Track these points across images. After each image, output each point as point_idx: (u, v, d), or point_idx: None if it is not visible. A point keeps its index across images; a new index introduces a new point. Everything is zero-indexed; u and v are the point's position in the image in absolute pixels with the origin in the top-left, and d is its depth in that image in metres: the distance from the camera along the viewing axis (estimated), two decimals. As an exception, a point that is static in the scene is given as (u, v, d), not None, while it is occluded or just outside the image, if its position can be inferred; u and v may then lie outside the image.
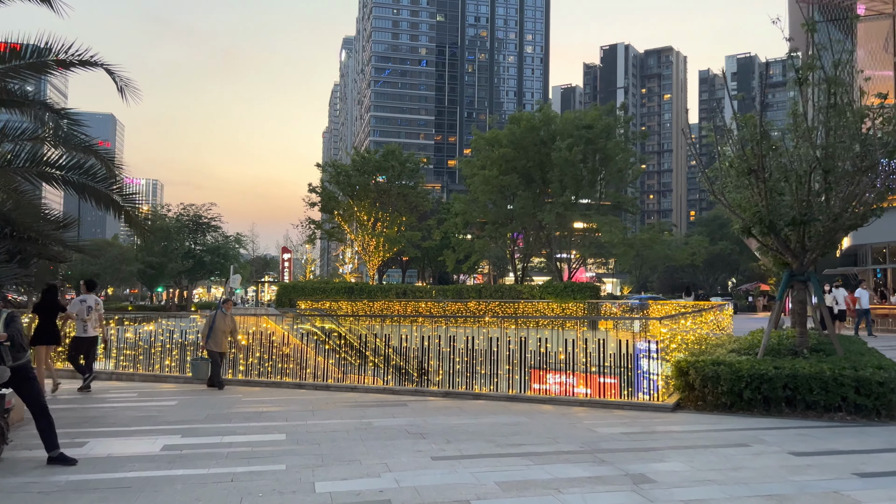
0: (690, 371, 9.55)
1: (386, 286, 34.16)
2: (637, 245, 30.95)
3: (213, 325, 11.79)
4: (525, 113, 34.82)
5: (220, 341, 11.86)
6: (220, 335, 11.86)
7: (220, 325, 11.87)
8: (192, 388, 12.15)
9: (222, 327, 11.91)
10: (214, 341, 11.82)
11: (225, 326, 11.96)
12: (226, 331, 11.98)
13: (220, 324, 11.88)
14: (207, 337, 11.80)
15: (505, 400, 10.35)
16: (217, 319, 11.92)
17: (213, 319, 11.92)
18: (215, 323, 11.85)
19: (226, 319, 12.04)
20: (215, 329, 11.81)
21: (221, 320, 11.95)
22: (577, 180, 32.09)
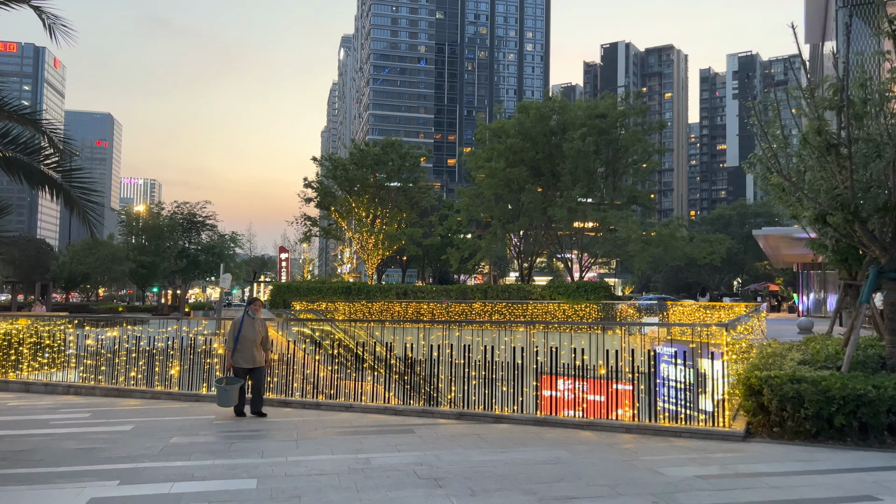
0: (764, 390, 7.71)
1: (385, 286, 32.33)
2: (655, 242, 29.04)
3: (239, 333, 9.23)
4: (534, 101, 32.90)
5: (250, 354, 9.25)
6: (249, 346, 9.25)
7: (247, 332, 9.29)
8: (158, 406, 10.30)
9: (250, 335, 9.29)
10: (243, 355, 9.23)
11: (254, 334, 9.31)
12: (255, 339, 9.30)
13: (247, 331, 9.29)
14: (233, 349, 9.24)
15: (533, 424, 8.51)
16: (244, 326, 9.32)
17: (239, 325, 9.30)
18: (242, 330, 9.26)
19: (254, 325, 9.38)
20: (242, 338, 9.23)
21: (249, 327, 9.34)
22: (590, 173, 30.18)
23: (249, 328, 9.33)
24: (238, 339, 9.21)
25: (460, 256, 36.21)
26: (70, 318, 13.23)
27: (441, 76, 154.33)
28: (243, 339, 9.24)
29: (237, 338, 9.21)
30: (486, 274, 75.90)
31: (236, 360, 9.23)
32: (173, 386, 11.21)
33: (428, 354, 9.56)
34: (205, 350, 10.96)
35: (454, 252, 36.28)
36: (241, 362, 9.22)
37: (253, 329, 9.35)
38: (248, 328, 9.32)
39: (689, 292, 78.59)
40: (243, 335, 9.25)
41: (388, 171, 40.00)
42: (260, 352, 9.35)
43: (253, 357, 9.27)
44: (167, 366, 11.30)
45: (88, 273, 56.11)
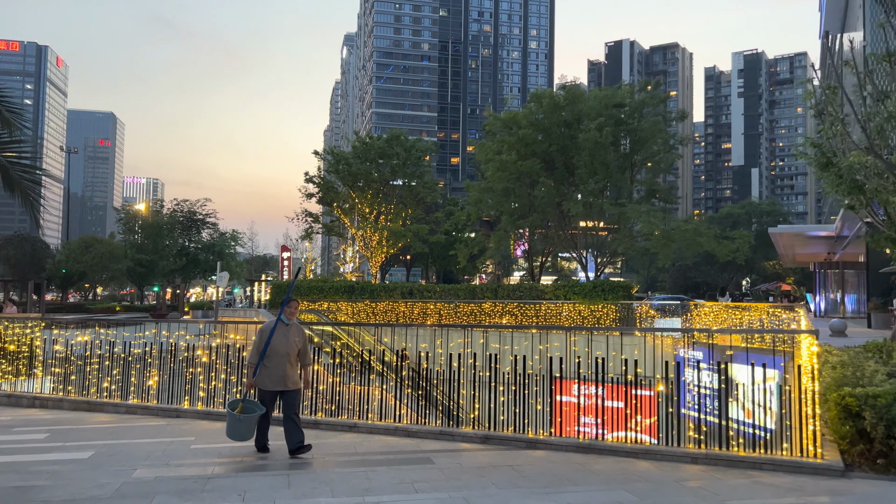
0: (865, 412, 6.23)
1: (390, 285, 30.85)
2: (677, 238, 27.46)
3: (267, 345, 6.81)
4: (547, 90, 31.31)
5: (281, 372, 6.81)
6: (280, 361, 6.82)
7: (279, 343, 6.83)
8: (130, 423, 8.86)
9: (282, 347, 6.84)
10: (271, 373, 6.80)
11: (287, 346, 6.88)
12: (289, 353, 6.88)
13: (279, 342, 6.84)
14: (258, 365, 6.82)
15: (576, 450, 7.04)
16: (275, 334, 6.85)
17: (270, 334, 6.85)
18: (272, 340, 6.82)
19: (289, 334, 6.94)
20: (272, 352, 6.80)
21: (281, 336, 6.88)
22: (607, 165, 28.63)
23: (282, 338, 6.84)
24: (265, 351, 6.77)
25: (468, 253, 34.65)
26: (41, 320, 11.81)
27: (444, 74, 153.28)
28: (273, 352, 6.77)
29: (264, 350, 6.78)
30: (489, 274, 74.45)
31: (261, 380, 6.80)
32: (151, 399, 9.77)
33: (446, 364, 8.09)
34: (187, 358, 9.51)
35: (462, 248, 34.66)
36: (269, 383, 6.76)
37: (286, 339, 6.86)
38: (279, 338, 6.83)
39: (697, 292, 77.17)
40: (273, 347, 6.77)
41: (392, 166, 38.45)
42: (294, 369, 6.94)
43: (284, 376, 6.81)
44: (144, 375, 9.85)
45: (84, 272, 54.74)
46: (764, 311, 19.72)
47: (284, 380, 6.84)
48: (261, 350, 6.80)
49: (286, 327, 6.98)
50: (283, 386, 6.85)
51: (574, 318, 24.68)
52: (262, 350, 6.80)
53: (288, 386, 6.87)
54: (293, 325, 7.08)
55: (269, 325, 6.95)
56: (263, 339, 6.82)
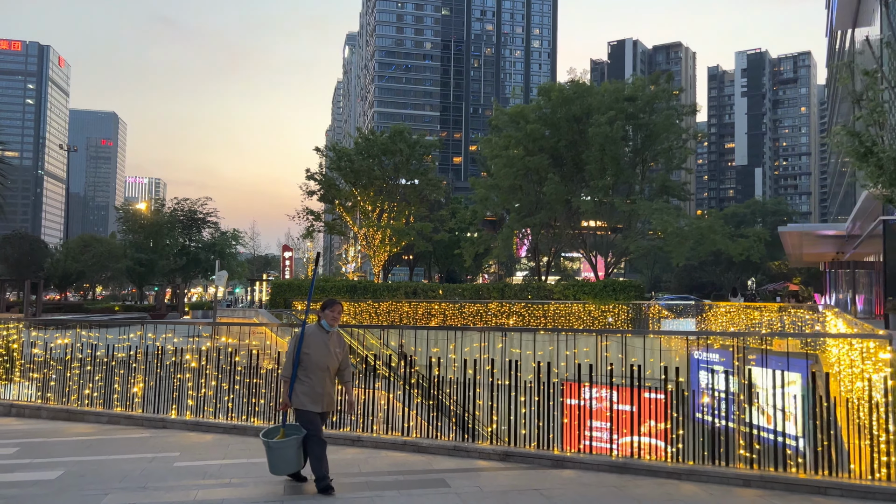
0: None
1: (393, 285, 30.04)
2: (691, 236, 26.48)
3: (298, 352, 5.62)
4: (556, 84, 30.40)
5: (320, 390, 5.58)
6: (320, 376, 5.59)
7: (318, 354, 5.60)
8: (112, 435, 8.04)
9: (322, 359, 5.61)
10: (310, 390, 5.56)
11: (328, 357, 5.65)
12: (330, 366, 5.67)
13: (318, 352, 5.60)
14: (293, 379, 5.58)
15: (609, 470, 6.21)
16: (313, 342, 5.63)
17: (307, 342, 5.63)
18: (310, 350, 5.60)
19: (329, 343, 5.69)
20: (310, 364, 5.58)
21: (320, 344, 5.65)
22: (618, 161, 27.72)
23: (321, 347, 5.58)
24: (300, 362, 5.54)
25: (474, 252, 33.74)
26: (21, 320, 11.01)
27: (447, 73, 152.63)
28: (311, 364, 5.52)
29: (296, 359, 5.56)
30: (492, 273, 73.63)
31: (298, 398, 5.52)
32: (135, 407, 8.95)
33: (461, 371, 7.26)
34: (175, 363, 8.70)
35: (469, 247, 33.72)
36: (308, 403, 5.52)
37: (326, 349, 5.60)
38: (318, 347, 5.57)
39: (703, 292, 76.28)
40: (312, 358, 5.53)
41: (395, 162, 37.51)
42: (334, 388, 5.80)
43: (324, 395, 5.57)
44: (129, 382, 9.04)
45: (83, 271, 54.00)
46: (786, 311, 18.86)
47: (323, 399, 5.56)
48: (296, 362, 5.53)
49: (326, 335, 5.65)
50: (321, 406, 5.54)
51: (584, 318, 23.86)
52: (295, 359, 5.54)
53: (325, 407, 5.61)
54: (334, 333, 5.75)
55: (301, 332, 5.66)
56: (295, 346, 5.65)
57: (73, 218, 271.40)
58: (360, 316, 27.78)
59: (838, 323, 12.78)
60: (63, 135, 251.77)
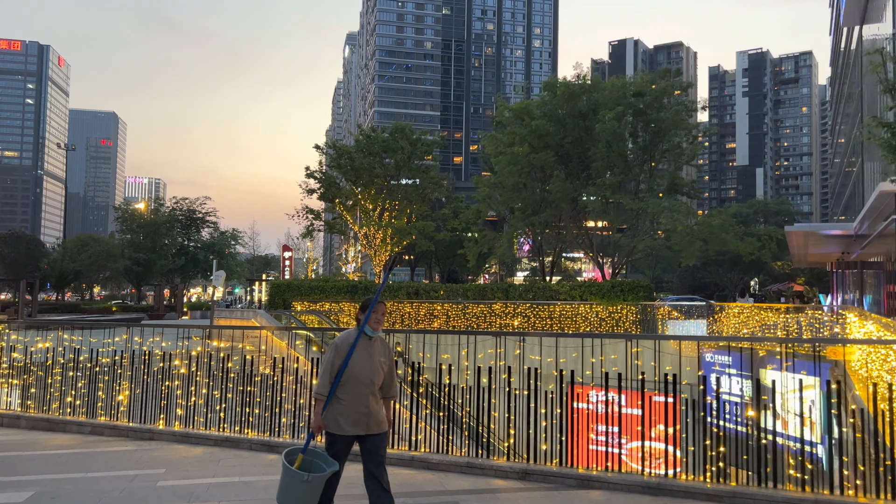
0: None
1: (395, 285, 29.40)
2: (702, 235, 25.77)
3: (344, 366, 4.50)
4: (562, 79, 29.75)
5: (363, 408, 4.51)
6: (363, 392, 4.52)
7: (360, 366, 4.53)
8: (93, 448, 7.40)
9: (365, 371, 4.54)
10: (347, 409, 4.48)
11: (372, 370, 4.58)
12: (375, 380, 4.60)
13: (360, 363, 4.54)
14: (329, 396, 4.49)
15: (642, 491, 5.56)
16: (355, 352, 4.53)
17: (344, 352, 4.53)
18: (351, 361, 4.51)
19: (372, 351, 4.63)
20: (351, 377, 4.50)
21: (364, 354, 4.57)
22: (625, 158, 27.06)
23: (364, 357, 4.52)
24: (341, 376, 4.46)
25: (478, 252, 33.10)
26: (3, 322, 10.37)
27: (447, 73, 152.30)
28: (351, 378, 4.45)
29: (340, 375, 4.45)
30: (492, 274, 73.03)
31: (332, 419, 4.44)
32: (121, 417, 8.31)
33: (474, 379, 6.62)
34: (162, 368, 8.06)
35: (472, 247, 33.05)
36: (344, 424, 4.43)
37: (370, 359, 4.54)
38: (361, 357, 4.51)
39: (706, 292, 75.70)
40: (352, 372, 4.45)
41: (396, 160, 36.81)
42: (380, 404, 4.61)
43: (368, 414, 4.47)
44: (114, 389, 8.40)
45: (80, 271, 53.37)
46: (802, 313, 18.22)
47: (367, 419, 4.46)
48: (334, 374, 4.43)
49: (369, 342, 4.58)
50: (363, 428, 4.46)
51: (591, 319, 23.23)
52: (337, 374, 4.42)
53: (371, 428, 4.49)
54: (378, 340, 4.68)
55: (346, 338, 4.54)
56: (340, 358, 4.45)
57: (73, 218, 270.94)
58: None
59: (867, 324, 12.14)
60: (63, 135, 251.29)
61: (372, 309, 4.55)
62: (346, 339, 4.55)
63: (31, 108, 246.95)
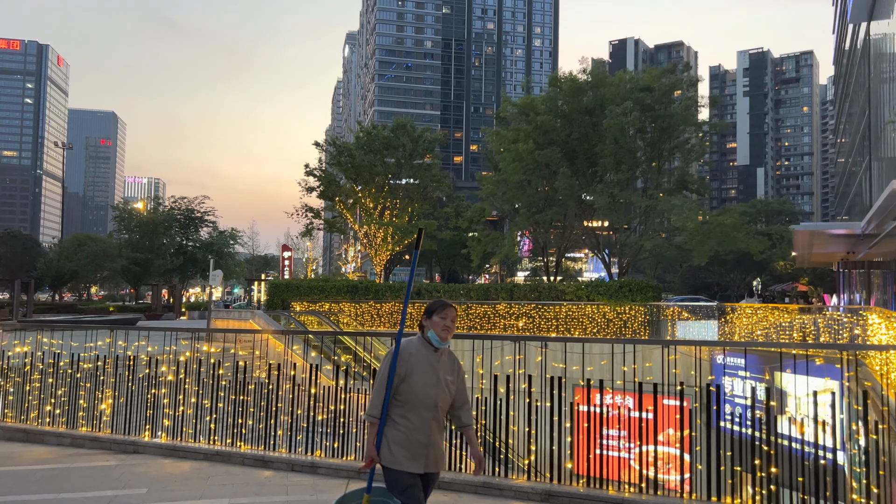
0: None
1: (396, 285, 28.79)
2: (713, 233, 25.09)
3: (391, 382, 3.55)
4: (567, 74, 29.11)
5: (424, 437, 3.51)
6: (425, 418, 3.53)
7: (421, 382, 3.54)
8: (71, 463, 6.76)
9: (430, 391, 3.55)
10: (407, 439, 3.48)
11: (437, 387, 3.57)
12: (439, 402, 3.58)
13: (421, 379, 3.55)
14: (382, 420, 3.53)
15: (683, 518, 4.93)
16: (414, 365, 3.57)
17: (405, 365, 3.58)
18: (411, 377, 3.55)
19: (436, 367, 3.59)
20: (411, 397, 3.54)
21: (424, 367, 3.58)
22: (634, 154, 26.39)
23: (425, 372, 3.59)
24: (401, 394, 3.58)
25: (482, 251, 32.41)
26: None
27: (447, 72, 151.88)
28: (412, 398, 3.54)
29: (387, 393, 3.58)
30: (493, 274, 72.50)
31: (389, 451, 3.51)
32: (103, 427, 7.67)
33: (490, 389, 5.98)
34: (148, 374, 7.42)
35: (476, 246, 32.36)
36: (401, 457, 3.48)
37: (434, 376, 3.60)
38: (422, 372, 3.58)
39: (709, 292, 75.15)
40: (413, 390, 3.55)
41: (397, 157, 36.09)
42: (442, 434, 3.73)
43: (428, 446, 3.54)
44: (96, 397, 7.76)
45: (77, 270, 52.70)
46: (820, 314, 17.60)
47: (426, 452, 3.49)
48: (384, 392, 3.51)
49: (434, 354, 3.58)
50: (422, 464, 3.48)
51: (598, 321, 22.60)
52: (386, 392, 3.50)
53: (430, 465, 3.52)
54: (445, 353, 3.67)
55: (406, 347, 3.61)
56: (387, 370, 3.54)
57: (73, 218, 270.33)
58: (361, 317, 26.54)
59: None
60: (62, 134, 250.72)
61: (440, 312, 3.57)
62: (406, 349, 3.59)
63: (31, 108, 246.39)
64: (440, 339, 3.59)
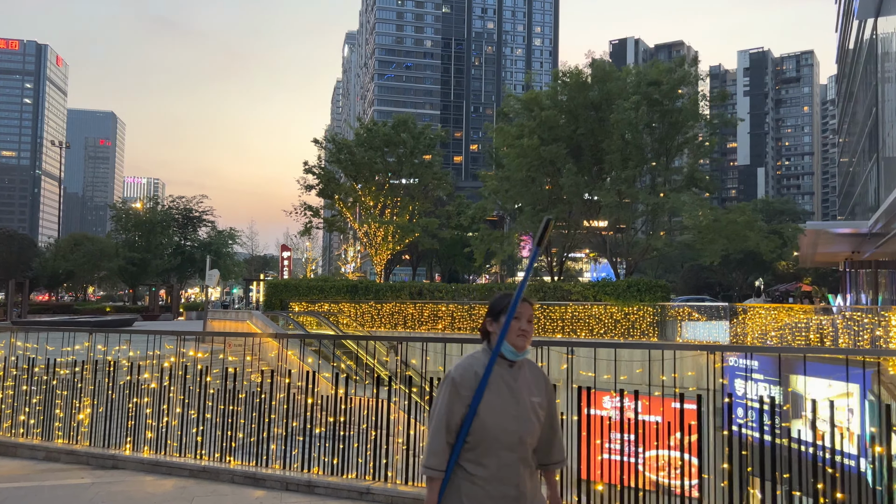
0: None
1: (397, 285, 28.18)
2: (728, 232, 24.39)
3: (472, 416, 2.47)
4: (573, 67, 28.54)
5: (515, 486, 2.47)
6: (509, 460, 2.47)
7: (496, 411, 2.47)
8: (42, 481, 6.10)
9: (511, 426, 2.48)
10: (485, 492, 2.45)
11: (522, 418, 2.50)
12: (525, 436, 2.50)
13: (496, 410, 2.48)
14: (451, 463, 2.48)
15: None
16: (487, 391, 2.48)
17: (469, 392, 2.50)
18: (480, 408, 2.46)
19: (518, 387, 2.54)
20: (483, 433, 2.45)
21: (504, 392, 2.51)
22: (642, 150, 25.75)
23: (503, 398, 2.51)
24: (470, 426, 2.46)
25: (486, 249, 31.77)
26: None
27: (447, 72, 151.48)
28: (485, 435, 2.45)
29: (468, 424, 2.47)
30: (492, 274, 71.91)
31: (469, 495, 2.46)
32: (81, 439, 7.02)
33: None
34: (129, 382, 6.77)
35: (479, 245, 31.72)
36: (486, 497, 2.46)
37: (515, 400, 2.52)
38: (498, 398, 2.50)
39: (711, 292, 74.66)
40: (486, 425, 2.46)
41: (398, 155, 35.43)
42: (535, 474, 2.61)
43: (519, 499, 2.47)
44: (74, 406, 7.11)
45: (73, 270, 52.07)
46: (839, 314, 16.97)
47: (520, 497, 2.51)
48: (456, 429, 2.51)
49: (510, 370, 2.59)
50: None
51: (606, 321, 21.98)
52: (462, 429, 2.49)
53: None
54: (526, 366, 2.66)
55: (470, 366, 2.56)
56: (461, 401, 2.51)
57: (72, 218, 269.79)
58: (361, 317, 25.92)
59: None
60: (61, 134, 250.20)
61: (513, 312, 2.52)
62: (470, 368, 2.53)
63: (29, 108, 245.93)
64: (516, 349, 2.55)
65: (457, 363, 2.62)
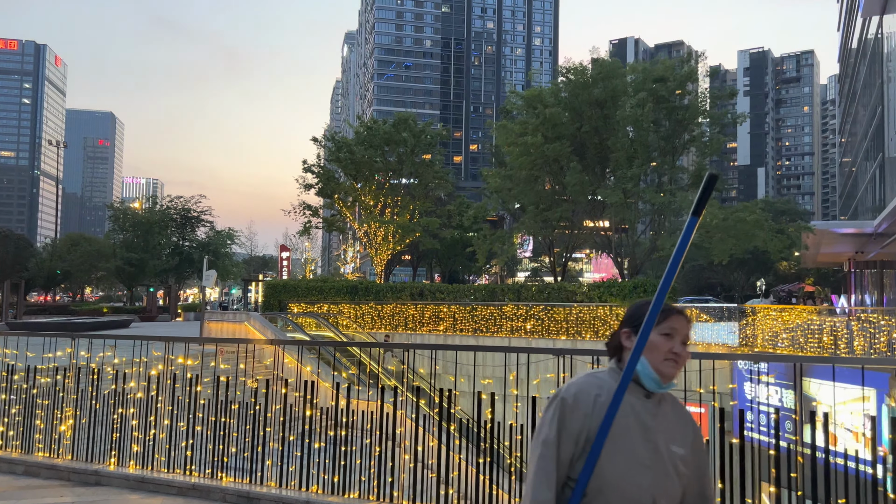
0: None
1: (397, 285, 27.74)
2: (737, 231, 23.92)
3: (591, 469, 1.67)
4: (577, 64, 28.05)
5: None
6: None
7: (625, 462, 1.70)
8: (17, 500, 5.63)
9: (645, 481, 1.70)
10: None
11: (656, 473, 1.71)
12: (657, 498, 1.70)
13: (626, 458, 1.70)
14: None
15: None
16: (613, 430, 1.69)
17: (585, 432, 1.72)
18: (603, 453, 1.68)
19: (654, 430, 1.76)
20: (602, 482, 1.67)
21: (637, 436, 1.73)
22: (647, 148, 25.29)
23: (633, 440, 1.74)
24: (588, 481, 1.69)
25: (488, 249, 31.29)
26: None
27: (447, 72, 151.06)
28: (608, 490, 1.69)
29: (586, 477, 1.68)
30: (493, 274, 71.47)
31: None
32: (63, 453, 6.53)
33: (527, 414, 4.85)
34: (115, 392, 6.29)
35: (481, 243, 31.21)
36: None
37: (649, 446, 1.75)
38: (627, 439, 1.73)
39: (713, 292, 74.32)
40: (607, 477, 1.69)
41: (399, 153, 34.91)
42: None
43: None
44: (56, 417, 6.62)
45: (70, 271, 51.56)
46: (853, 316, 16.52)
47: None
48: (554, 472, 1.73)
49: (646, 402, 1.81)
50: None
51: (612, 323, 21.52)
52: (578, 486, 1.69)
53: None
54: (668, 402, 1.87)
55: (585, 393, 1.78)
56: (575, 441, 1.74)
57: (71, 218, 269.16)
58: (361, 319, 25.48)
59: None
60: (59, 135, 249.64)
61: (653, 322, 1.74)
62: (590, 391, 1.81)
63: (28, 108, 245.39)
64: (660, 377, 1.80)
65: (570, 381, 1.89)
